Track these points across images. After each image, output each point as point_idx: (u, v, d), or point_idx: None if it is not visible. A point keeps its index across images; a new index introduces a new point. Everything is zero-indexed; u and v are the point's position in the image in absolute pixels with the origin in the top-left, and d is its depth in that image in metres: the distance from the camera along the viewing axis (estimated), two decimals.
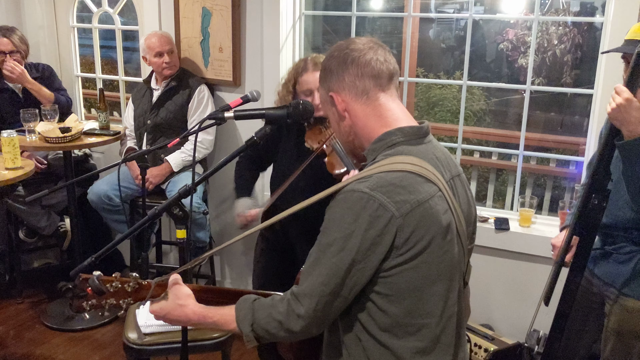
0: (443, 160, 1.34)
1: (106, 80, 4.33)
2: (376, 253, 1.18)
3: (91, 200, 3.36)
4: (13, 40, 3.51)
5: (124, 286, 1.41)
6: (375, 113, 1.32)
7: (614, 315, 1.99)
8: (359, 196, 1.18)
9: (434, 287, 1.24)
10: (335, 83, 1.34)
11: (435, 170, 1.27)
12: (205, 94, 3.37)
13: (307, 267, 1.24)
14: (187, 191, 1.55)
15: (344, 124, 1.36)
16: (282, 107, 1.60)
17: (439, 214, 1.22)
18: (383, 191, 1.18)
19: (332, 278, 1.19)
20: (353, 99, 1.33)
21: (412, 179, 1.22)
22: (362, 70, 1.31)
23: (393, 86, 1.35)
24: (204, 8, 3.39)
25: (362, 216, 1.17)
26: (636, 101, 1.74)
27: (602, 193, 1.82)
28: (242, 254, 3.69)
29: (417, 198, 1.20)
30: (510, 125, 4.77)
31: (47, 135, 3.13)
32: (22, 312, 3.62)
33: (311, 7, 3.57)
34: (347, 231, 1.18)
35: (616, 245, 1.99)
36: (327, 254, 1.20)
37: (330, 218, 1.23)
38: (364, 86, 1.32)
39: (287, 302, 1.25)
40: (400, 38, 4.17)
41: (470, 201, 1.41)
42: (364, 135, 1.35)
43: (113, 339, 3.31)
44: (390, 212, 1.17)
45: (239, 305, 1.32)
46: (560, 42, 4.43)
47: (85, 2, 3.99)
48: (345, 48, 1.34)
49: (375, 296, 1.23)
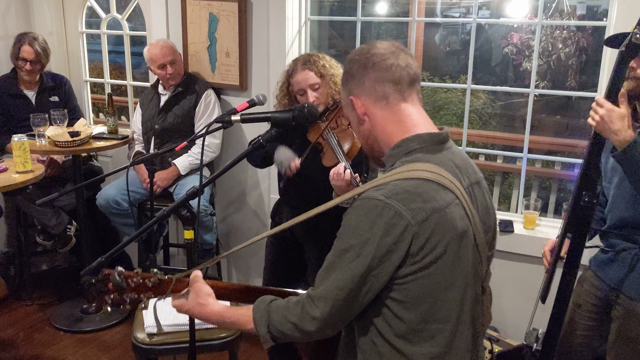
0: (462, 167, 1.33)
1: (114, 85, 4.38)
2: (392, 260, 1.19)
3: (100, 204, 3.40)
4: (36, 50, 3.54)
5: (145, 281, 1.43)
6: (395, 118, 1.32)
7: (620, 320, 1.99)
8: (375, 204, 1.19)
9: (448, 293, 1.24)
10: (355, 87, 1.34)
11: (452, 178, 1.26)
12: (212, 99, 3.40)
13: (323, 271, 1.25)
14: (195, 193, 1.58)
15: (364, 128, 1.37)
16: (288, 111, 1.63)
17: (454, 222, 1.22)
18: (399, 199, 1.19)
19: (347, 283, 1.21)
20: (372, 103, 1.33)
21: (428, 186, 1.22)
22: (383, 75, 1.30)
23: (414, 91, 1.34)
24: (211, 14, 3.43)
25: (378, 223, 1.18)
26: (618, 110, 1.76)
27: (593, 191, 1.83)
28: (248, 256, 3.71)
29: (433, 206, 1.20)
30: (516, 129, 4.78)
31: (56, 139, 3.18)
32: (31, 314, 3.66)
33: (317, 12, 3.60)
34: (363, 238, 1.19)
35: (621, 248, 1.99)
36: (343, 259, 1.21)
37: (346, 224, 1.24)
38: (384, 91, 1.31)
39: (302, 304, 1.26)
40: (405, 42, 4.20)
41: (489, 208, 1.40)
42: (383, 140, 1.35)
43: (122, 340, 3.34)
44: (406, 220, 1.17)
45: (256, 307, 1.34)
46: (565, 45, 4.44)
47: (94, 8, 4.04)
48: (366, 52, 1.33)
49: (390, 302, 1.24)
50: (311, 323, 1.25)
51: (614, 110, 1.75)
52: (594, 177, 1.84)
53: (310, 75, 2.41)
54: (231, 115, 1.65)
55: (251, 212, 3.66)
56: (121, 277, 1.42)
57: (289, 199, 2.61)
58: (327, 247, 1.37)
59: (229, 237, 3.77)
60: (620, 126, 1.75)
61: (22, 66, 3.56)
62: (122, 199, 3.34)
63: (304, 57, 2.47)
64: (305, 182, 2.47)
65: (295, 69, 2.45)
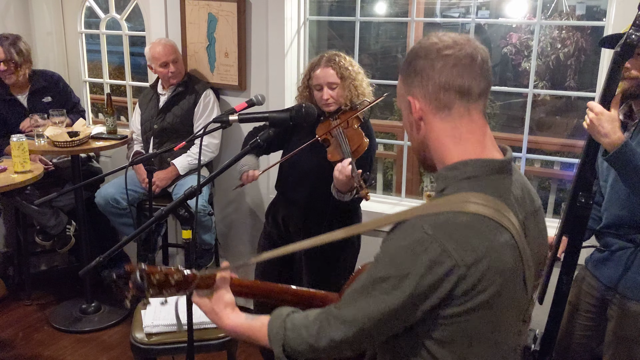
0: (520, 197, 1.20)
1: (113, 85, 4.38)
2: (430, 299, 1.08)
3: (99, 203, 3.40)
4: (7, 49, 3.43)
5: (168, 278, 1.39)
6: (454, 134, 1.17)
7: (617, 319, 2.00)
8: (421, 237, 1.06)
9: (492, 336, 1.14)
10: (417, 88, 1.17)
11: (510, 213, 1.13)
12: (211, 99, 3.41)
13: (354, 293, 1.15)
14: (193, 193, 1.58)
15: (418, 133, 1.22)
16: (286, 111, 1.64)
17: (507, 265, 1.10)
18: (449, 236, 1.06)
19: (377, 314, 1.11)
20: (433, 111, 1.17)
21: (483, 224, 1.08)
22: (452, 82, 1.14)
23: (482, 103, 1.18)
24: (210, 14, 3.44)
25: (421, 259, 1.06)
26: (607, 113, 1.77)
27: (589, 191, 1.84)
28: (246, 255, 3.71)
29: (486, 247, 1.07)
30: (515, 129, 4.78)
31: (55, 139, 3.18)
32: (30, 314, 3.66)
33: (316, 13, 3.61)
34: (403, 271, 1.07)
35: (617, 247, 2.00)
36: (378, 288, 1.11)
37: (387, 251, 1.12)
38: (448, 100, 1.15)
39: (321, 322, 1.19)
40: (404, 42, 4.20)
41: (543, 239, 1.28)
42: (436, 153, 1.20)
43: (120, 340, 3.35)
44: (453, 260, 1.05)
45: (271, 322, 1.27)
46: (564, 45, 4.44)
47: (93, 8, 4.05)
48: (435, 50, 1.15)
49: (429, 342, 1.14)
50: (329, 344, 1.17)
51: (603, 114, 1.77)
52: (590, 178, 1.85)
53: (331, 73, 2.43)
54: (229, 115, 1.66)
55: (250, 211, 3.67)
56: (142, 277, 1.37)
57: (284, 189, 2.63)
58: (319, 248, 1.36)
59: (228, 237, 3.77)
60: (609, 129, 1.76)
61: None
62: (121, 197, 3.35)
63: (330, 54, 2.50)
64: (303, 175, 2.50)
65: (319, 63, 2.48)
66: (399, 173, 4.12)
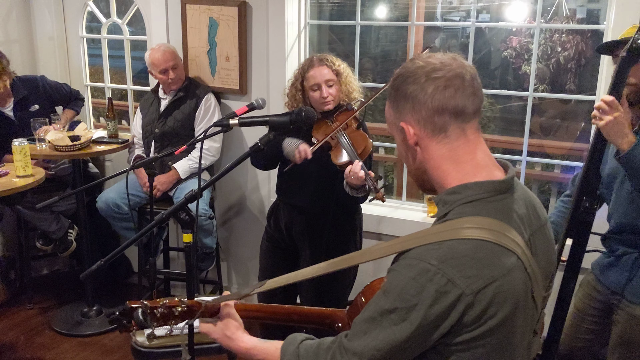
0: (524, 215, 1.18)
1: (115, 89, 4.39)
2: (439, 329, 1.07)
3: (100, 208, 3.41)
4: None
5: (172, 310, 1.39)
6: (452, 156, 1.16)
7: (622, 324, 2.00)
8: (426, 268, 1.06)
9: (503, 354, 1.13)
10: (409, 113, 1.16)
11: (515, 234, 1.12)
12: (212, 103, 3.42)
13: (363, 323, 1.15)
14: (194, 196, 1.58)
15: (415, 159, 1.20)
16: (286, 114, 1.64)
17: (515, 289, 1.09)
18: (453, 264, 1.05)
19: (386, 345, 1.11)
20: (428, 135, 1.15)
21: (488, 250, 1.08)
22: (445, 104, 1.12)
23: (476, 121, 1.17)
24: (211, 18, 3.45)
25: (427, 290, 1.05)
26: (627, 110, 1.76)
27: (593, 195, 1.84)
28: (248, 260, 3.72)
29: (492, 273, 1.06)
30: (515, 132, 4.79)
31: (56, 143, 3.19)
32: (32, 317, 3.67)
33: (316, 17, 3.62)
34: (409, 303, 1.07)
35: (622, 252, 2.00)
36: (386, 320, 1.10)
37: (393, 283, 1.11)
38: (443, 122, 1.13)
39: (333, 353, 1.18)
40: (405, 46, 4.21)
41: (551, 253, 1.27)
42: (434, 177, 1.19)
43: (121, 344, 3.35)
44: (460, 289, 1.04)
45: (285, 347, 1.27)
46: (564, 49, 4.45)
47: (95, 12, 4.06)
48: (424, 73, 1.14)
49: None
50: None
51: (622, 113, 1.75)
52: (594, 182, 1.85)
53: (326, 71, 2.46)
54: (230, 119, 1.66)
55: (251, 215, 3.67)
56: (144, 316, 1.35)
57: (285, 195, 2.63)
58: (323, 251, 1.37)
59: (229, 241, 3.78)
60: (627, 130, 1.76)
61: None
62: (122, 202, 3.35)
63: (320, 55, 2.53)
64: (304, 180, 2.50)
65: (311, 64, 2.49)
66: (399, 176, 4.13)
